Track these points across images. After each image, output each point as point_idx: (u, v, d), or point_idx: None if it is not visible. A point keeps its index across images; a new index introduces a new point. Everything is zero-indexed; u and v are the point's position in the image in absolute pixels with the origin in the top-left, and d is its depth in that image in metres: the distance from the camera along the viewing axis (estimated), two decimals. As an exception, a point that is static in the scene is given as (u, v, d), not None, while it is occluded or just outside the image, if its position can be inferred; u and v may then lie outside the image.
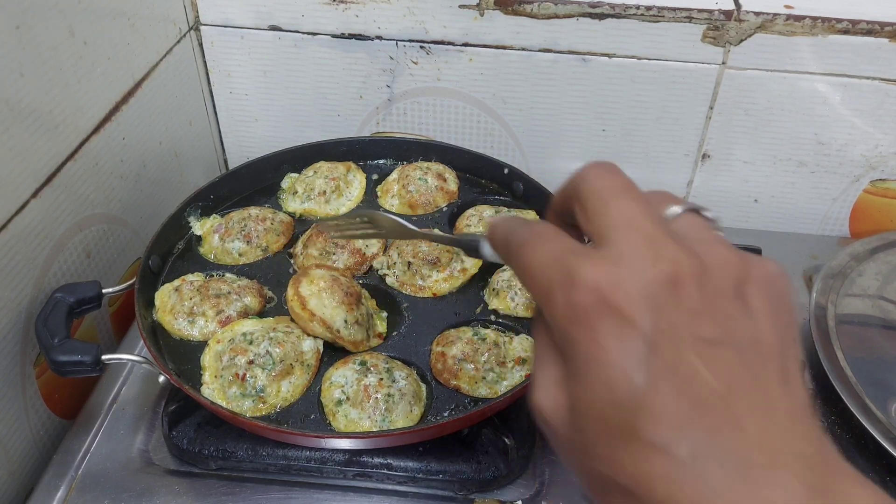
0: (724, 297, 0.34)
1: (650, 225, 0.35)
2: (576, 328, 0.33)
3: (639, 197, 0.36)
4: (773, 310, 0.35)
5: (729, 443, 0.31)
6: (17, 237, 0.74)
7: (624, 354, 0.32)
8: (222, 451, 0.75)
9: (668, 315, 0.32)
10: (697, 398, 0.32)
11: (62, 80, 0.79)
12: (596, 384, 0.33)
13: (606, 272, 0.33)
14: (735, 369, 0.32)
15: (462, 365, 0.74)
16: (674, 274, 0.33)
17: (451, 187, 0.97)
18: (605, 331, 0.32)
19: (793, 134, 1.04)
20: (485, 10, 0.99)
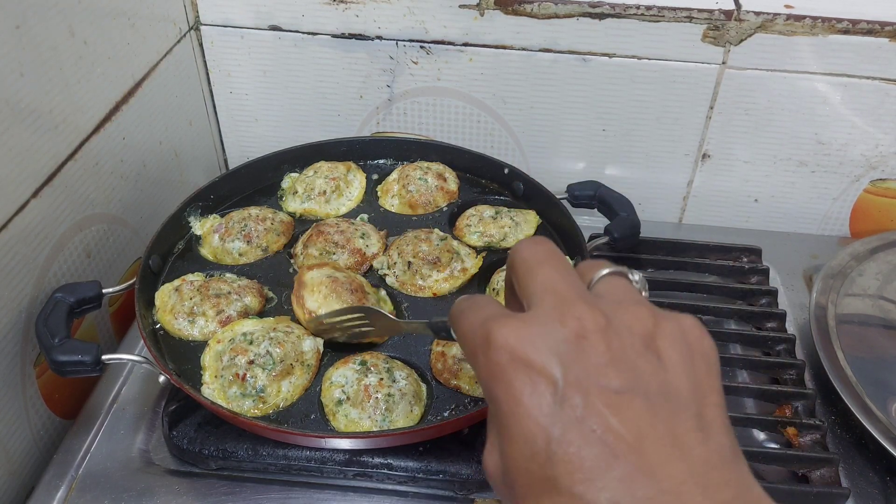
0: (632, 349, 0.35)
1: (565, 288, 0.38)
2: (495, 385, 0.36)
3: (559, 264, 0.40)
4: (685, 360, 0.36)
5: (643, 492, 0.32)
6: (18, 237, 0.74)
7: (537, 406, 0.34)
8: (222, 451, 0.75)
9: (575, 368, 0.34)
10: (607, 447, 0.33)
11: (62, 80, 0.79)
12: (517, 438, 0.35)
13: (518, 332, 0.36)
14: (644, 418, 0.34)
15: (462, 365, 0.74)
16: (580, 329, 0.35)
17: (451, 187, 0.97)
18: (519, 385, 0.35)
19: (793, 134, 1.04)
20: (485, 10, 0.99)
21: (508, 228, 0.90)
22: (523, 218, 0.92)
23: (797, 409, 0.81)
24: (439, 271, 0.84)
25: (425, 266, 0.84)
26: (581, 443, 0.33)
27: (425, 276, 0.84)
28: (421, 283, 0.84)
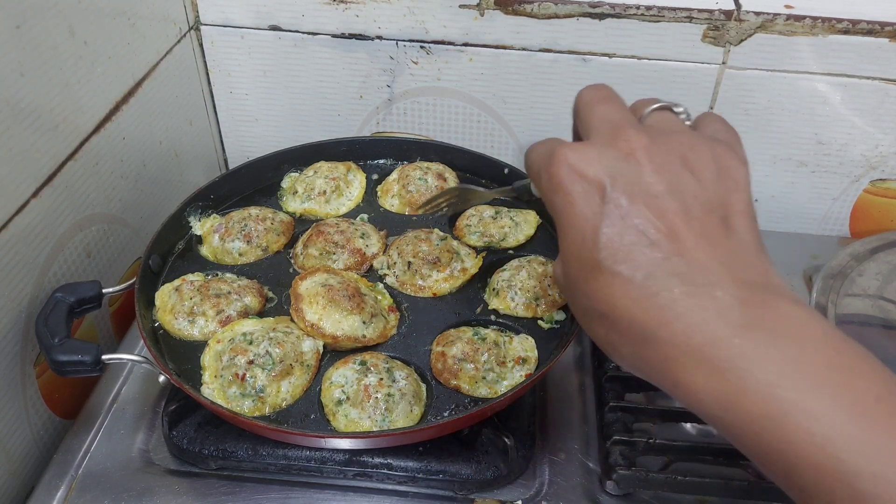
0: (671, 165, 0.43)
1: (618, 118, 0.45)
2: (555, 195, 0.44)
3: (617, 102, 0.48)
4: (717, 176, 0.43)
5: (675, 268, 0.40)
6: (18, 237, 0.74)
7: (589, 207, 0.42)
8: (222, 451, 0.75)
9: (623, 178, 0.42)
10: (645, 235, 0.41)
11: (62, 80, 0.79)
12: (571, 235, 0.43)
13: (576, 151, 0.43)
14: (677, 215, 0.41)
15: (462, 365, 0.74)
16: (628, 149, 0.43)
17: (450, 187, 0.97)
18: (575, 191, 0.43)
19: (793, 134, 1.04)
20: (485, 10, 0.99)
21: (508, 228, 0.90)
22: (523, 218, 0.92)
23: (797, 409, 0.81)
24: (439, 271, 0.84)
25: (425, 266, 0.84)
26: (623, 232, 0.41)
27: (425, 276, 0.84)
28: (421, 283, 0.84)
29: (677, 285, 0.40)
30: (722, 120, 0.49)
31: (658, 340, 0.40)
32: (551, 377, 0.87)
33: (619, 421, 0.78)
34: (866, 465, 0.34)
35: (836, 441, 0.35)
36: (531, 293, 0.81)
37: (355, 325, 0.76)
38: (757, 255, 0.42)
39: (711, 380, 0.38)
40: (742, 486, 0.72)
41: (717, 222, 0.42)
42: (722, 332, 0.39)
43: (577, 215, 0.42)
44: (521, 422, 0.78)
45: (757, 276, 0.41)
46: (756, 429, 0.37)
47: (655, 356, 0.40)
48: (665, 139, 0.44)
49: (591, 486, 0.76)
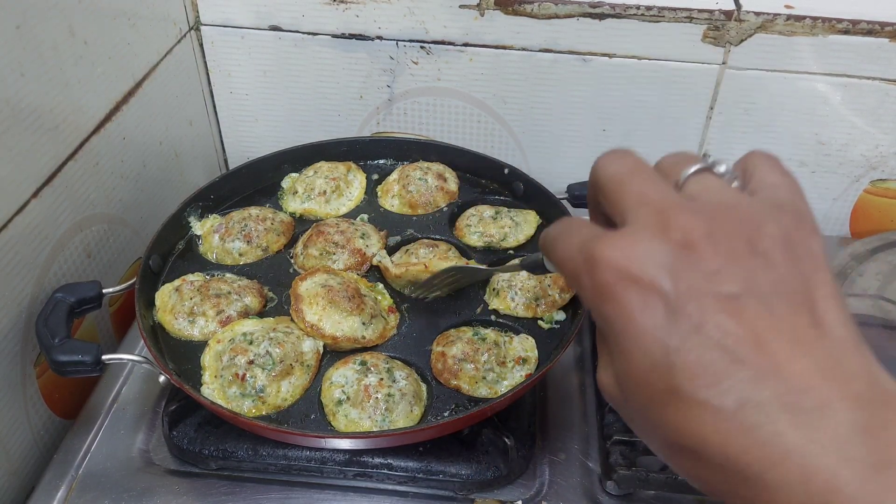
0: (739, 253, 0.34)
1: (660, 197, 0.36)
2: (604, 305, 0.35)
3: (649, 173, 0.38)
4: (791, 256, 0.35)
5: (771, 390, 0.32)
6: (18, 237, 0.74)
7: (651, 320, 0.34)
8: (223, 451, 0.75)
9: (686, 278, 0.34)
10: (728, 351, 0.33)
11: (62, 80, 0.79)
12: (634, 354, 0.35)
13: (623, 249, 0.35)
14: (761, 319, 0.33)
15: (462, 365, 0.74)
16: (685, 240, 0.34)
17: (451, 187, 0.97)
18: (630, 301, 0.34)
19: (793, 134, 1.04)
20: (485, 10, 0.99)
21: (508, 228, 0.90)
22: (523, 218, 0.92)
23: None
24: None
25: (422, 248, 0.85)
26: (701, 350, 0.33)
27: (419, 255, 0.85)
28: (414, 259, 0.84)
29: (779, 414, 0.32)
30: (778, 167, 0.40)
31: (765, 484, 0.32)
32: (551, 377, 0.87)
33: (619, 421, 0.78)
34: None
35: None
36: (531, 293, 0.81)
37: (355, 325, 0.76)
38: (860, 355, 0.35)
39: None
40: (742, 486, 0.72)
41: (805, 320, 0.34)
42: (847, 476, 0.31)
43: (639, 332, 0.34)
44: (522, 422, 0.78)
45: (867, 386, 0.34)
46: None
47: (763, 500, 0.33)
48: (723, 219, 0.35)
49: (592, 487, 0.76)
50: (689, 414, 0.33)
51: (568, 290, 0.82)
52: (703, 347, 0.33)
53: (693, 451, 0.34)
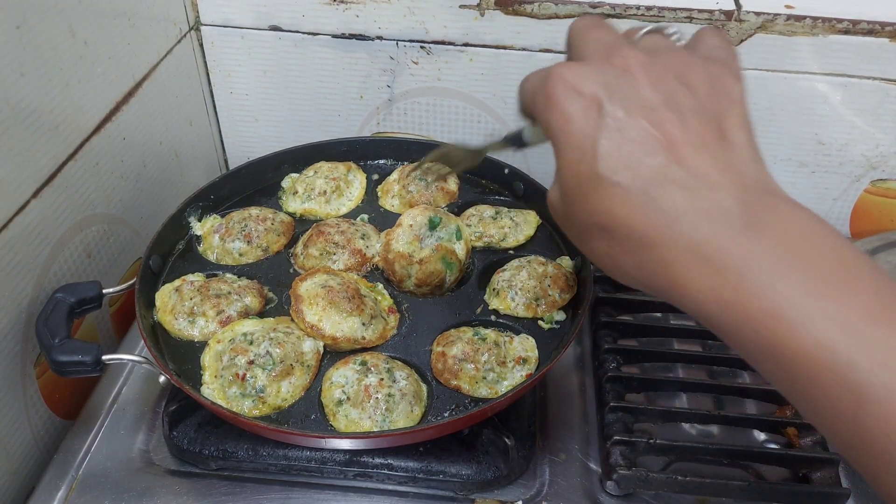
0: (668, 81, 0.43)
1: (612, 39, 0.45)
2: (551, 113, 0.43)
3: (608, 27, 0.47)
4: (711, 91, 0.43)
5: (675, 175, 0.40)
6: (18, 237, 0.74)
7: (586, 123, 0.42)
8: (223, 452, 0.75)
9: (619, 92, 0.42)
10: (645, 145, 0.41)
11: (62, 80, 0.79)
12: (569, 152, 0.43)
13: (573, 69, 0.43)
14: (675, 126, 0.41)
15: (462, 365, 0.74)
16: (625, 65, 0.43)
17: (451, 187, 0.97)
18: (572, 108, 0.42)
19: (793, 134, 1.04)
20: (485, 10, 0.99)
21: (508, 229, 0.90)
22: (523, 218, 0.92)
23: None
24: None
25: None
26: (621, 143, 0.41)
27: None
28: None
29: (677, 191, 0.40)
30: (719, 35, 0.48)
31: (659, 244, 0.40)
32: (551, 377, 0.87)
33: (619, 421, 0.78)
34: (863, 357, 0.35)
35: (833, 335, 0.36)
36: (531, 293, 0.81)
37: (355, 326, 0.76)
38: (754, 162, 0.43)
39: (711, 279, 0.39)
40: (742, 486, 0.72)
41: (713, 132, 0.42)
42: (723, 233, 0.39)
43: (574, 132, 0.42)
44: (522, 422, 0.78)
45: (756, 181, 0.42)
46: (754, 326, 0.38)
47: (656, 261, 0.41)
48: (660, 56, 0.44)
49: (592, 487, 0.76)
50: (604, 193, 0.41)
51: (568, 291, 0.82)
52: (624, 142, 0.41)
53: (606, 227, 0.42)
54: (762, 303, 0.37)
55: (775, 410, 0.82)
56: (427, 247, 0.81)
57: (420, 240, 0.81)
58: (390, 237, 0.83)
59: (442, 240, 0.81)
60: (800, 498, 0.73)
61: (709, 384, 0.84)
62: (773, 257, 0.38)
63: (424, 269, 0.81)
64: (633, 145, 0.41)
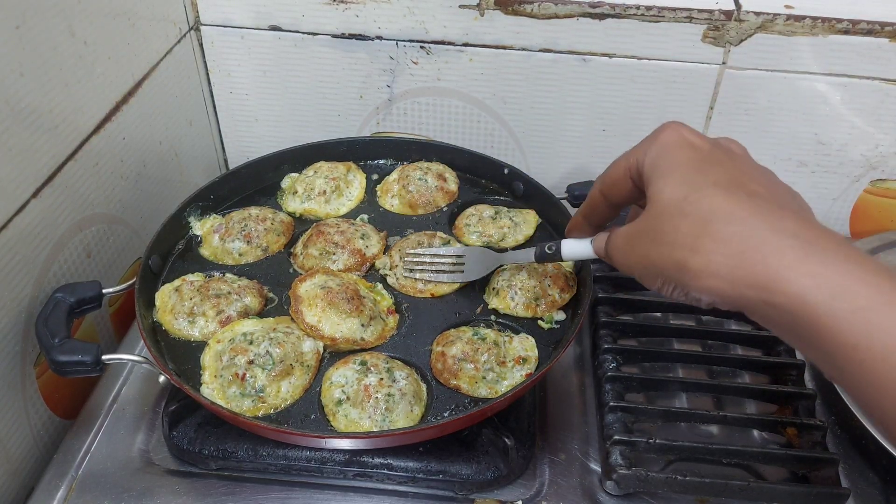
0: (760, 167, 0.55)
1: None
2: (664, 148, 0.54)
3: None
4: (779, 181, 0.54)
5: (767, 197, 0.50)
6: (18, 237, 0.74)
7: (692, 154, 0.53)
8: (222, 451, 0.75)
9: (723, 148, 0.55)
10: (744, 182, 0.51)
11: (62, 80, 0.79)
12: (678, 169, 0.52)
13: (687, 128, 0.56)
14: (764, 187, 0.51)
15: (462, 364, 0.74)
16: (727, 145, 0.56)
17: (451, 187, 0.97)
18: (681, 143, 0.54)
19: (793, 134, 1.04)
20: (485, 10, 0.99)
21: (507, 228, 0.90)
22: (523, 218, 0.92)
23: (797, 409, 0.81)
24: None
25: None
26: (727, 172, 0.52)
27: (426, 279, 0.84)
28: (421, 285, 0.84)
29: (777, 208, 0.48)
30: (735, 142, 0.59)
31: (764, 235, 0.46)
32: (551, 377, 0.87)
33: (619, 421, 0.78)
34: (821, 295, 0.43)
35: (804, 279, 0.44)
36: (531, 293, 0.81)
37: (354, 327, 0.76)
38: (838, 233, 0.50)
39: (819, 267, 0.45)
40: (742, 486, 0.72)
41: (795, 201, 0.52)
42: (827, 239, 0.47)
43: (685, 157, 0.52)
44: (521, 422, 0.78)
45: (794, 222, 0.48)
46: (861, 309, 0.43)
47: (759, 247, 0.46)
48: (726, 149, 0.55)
49: (592, 487, 0.76)
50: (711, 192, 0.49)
51: (568, 291, 0.82)
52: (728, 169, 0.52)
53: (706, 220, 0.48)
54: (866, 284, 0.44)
55: (775, 410, 0.82)
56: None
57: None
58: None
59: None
60: (800, 498, 0.73)
61: (709, 384, 0.84)
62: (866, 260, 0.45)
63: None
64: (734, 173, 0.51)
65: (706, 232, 0.48)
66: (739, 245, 0.46)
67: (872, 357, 0.42)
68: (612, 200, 0.60)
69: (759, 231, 0.46)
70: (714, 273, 0.47)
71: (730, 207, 0.48)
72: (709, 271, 0.48)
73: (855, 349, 0.43)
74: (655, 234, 0.51)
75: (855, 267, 0.44)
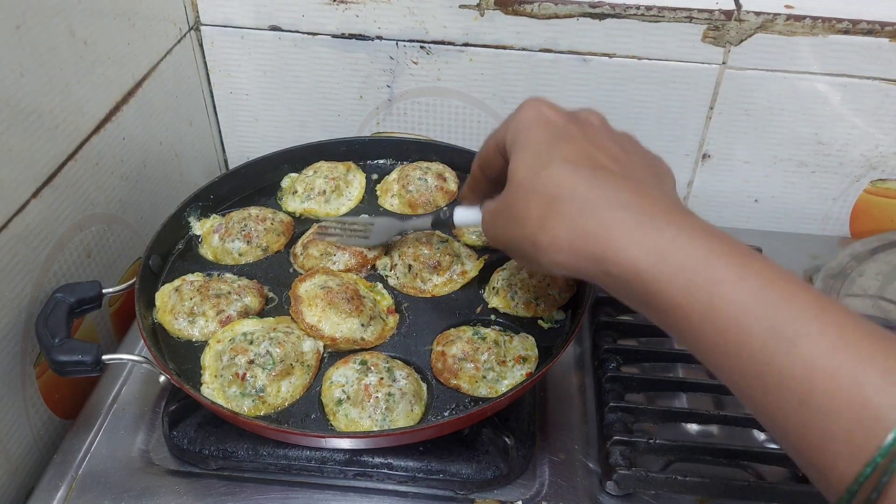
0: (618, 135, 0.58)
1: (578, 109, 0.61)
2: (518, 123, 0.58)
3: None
4: (652, 161, 0.59)
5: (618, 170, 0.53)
6: (18, 237, 0.74)
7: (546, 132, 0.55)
8: (223, 451, 0.75)
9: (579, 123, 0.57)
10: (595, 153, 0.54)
11: (62, 80, 0.79)
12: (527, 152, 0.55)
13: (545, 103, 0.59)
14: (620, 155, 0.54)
15: (462, 364, 0.74)
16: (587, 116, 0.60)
17: (451, 187, 0.97)
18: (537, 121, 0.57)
19: (793, 134, 1.04)
20: (485, 10, 0.99)
21: (508, 228, 0.90)
22: (523, 218, 0.92)
23: (797, 409, 0.81)
24: (439, 275, 0.84)
25: (426, 270, 0.84)
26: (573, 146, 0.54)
27: (425, 280, 0.84)
28: (421, 286, 0.84)
29: (620, 179, 0.51)
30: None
31: (600, 209, 0.49)
32: (551, 377, 0.87)
33: (619, 421, 0.78)
34: (779, 304, 0.43)
35: (755, 287, 0.44)
36: (531, 292, 0.81)
37: (354, 327, 0.76)
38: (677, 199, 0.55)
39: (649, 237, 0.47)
40: (742, 486, 0.72)
41: (651, 171, 0.55)
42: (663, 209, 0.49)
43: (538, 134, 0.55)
44: (522, 422, 0.78)
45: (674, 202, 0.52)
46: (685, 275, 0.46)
47: (595, 225, 0.49)
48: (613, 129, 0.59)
49: (592, 487, 0.76)
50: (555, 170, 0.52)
51: (568, 290, 0.82)
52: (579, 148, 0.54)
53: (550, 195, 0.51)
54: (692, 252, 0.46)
55: (775, 410, 0.82)
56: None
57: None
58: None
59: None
60: (800, 498, 0.73)
61: (709, 384, 0.84)
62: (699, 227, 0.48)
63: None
64: (584, 147, 0.53)
65: (551, 210, 0.50)
66: (578, 221, 0.49)
67: (694, 315, 0.45)
68: (489, 175, 0.63)
69: (595, 206, 0.49)
70: (559, 249, 0.50)
71: (573, 184, 0.50)
72: (555, 247, 0.50)
73: (679, 308, 0.45)
74: (511, 211, 0.54)
75: (677, 231, 0.47)
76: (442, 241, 0.87)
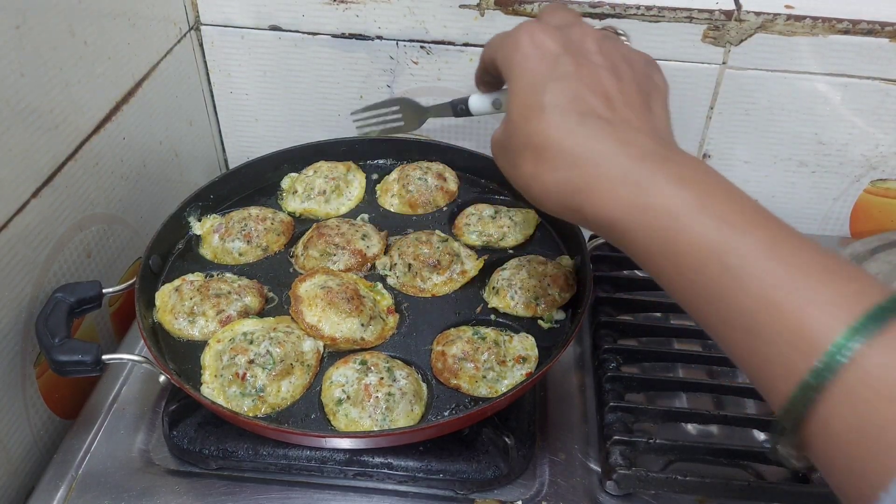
0: (614, 54, 0.55)
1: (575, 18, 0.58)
2: (514, 52, 0.54)
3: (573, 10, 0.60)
4: (645, 73, 0.56)
5: (605, 114, 0.51)
6: (18, 237, 0.74)
7: (541, 64, 0.53)
8: (223, 451, 0.75)
9: (574, 50, 0.54)
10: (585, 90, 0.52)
11: (62, 80, 0.79)
12: (523, 84, 0.53)
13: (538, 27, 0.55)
14: (614, 86, 0.53)
15: (462, 364, 0.74)
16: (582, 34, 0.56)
17: (451, 187, 0.97)
18: (532, 52, 0.54)
19: (793, 134, 1.04)
20: (485, 10, 0.99)
21: (507, 228, 0.90)
22: (523, 217, 0.92)
23: (797, 409, 0.81)
24: (439, 274, 0.84)
25: (425, 269, 0.84)
26: (567, 86, 0.52)
27: (425, 279, 0.84)
28: (421, 285, 0.84)
29: (605, 124, 0.50)
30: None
31: (583, 163, 0.49)
32: (551, 377, 0.87)
33: (619, 421, 0.78)
34: (733, 243, 0.44)
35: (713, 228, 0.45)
36: (531, 292, 0.81)
37: (354, 327, 0.76)
38: (667, 131, 0.54)
39: (624, 191, 0.48)
40: (742, 486, 0.72)
41: (641, 100, 0.53)
42: (636, 156, 0.48)
43: (530, 68, 0.53)
44: (522, 422, 0.78)
45: (666, 137, 0.53)
46: (653, 224, 0.46)
47: (577, 177, 0.50)
48: (611, 40, 0.56)
49: (592, 486, 0.76)
50: (544, 119, 0.51)
51: (568, 290, 0.82)
52: (569, 83, 0.52)
53: (538, 147, 0.51)
54: (662, 203, 0.46)
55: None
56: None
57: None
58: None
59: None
60: (800, 498, 0.73)
61: (709, 384, 0.84)
62: (677, 177, 0.47)
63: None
64: (576, 88, 0.51)
65: (539, 162, 0.52)
66: (561, 173, 0.51)
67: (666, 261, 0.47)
68: (495, 74, 0.63)
69: (578, 161, 0.50)
70: (547, 198, 0.53)
71: (560, 136, 0.51)
72: (543, 196, 0.53)
73: (650, 255, 0.48)
74: (509, 151, 0.55)
75: (654, 184, 0.47)
76: (442, 241, 0.87)
